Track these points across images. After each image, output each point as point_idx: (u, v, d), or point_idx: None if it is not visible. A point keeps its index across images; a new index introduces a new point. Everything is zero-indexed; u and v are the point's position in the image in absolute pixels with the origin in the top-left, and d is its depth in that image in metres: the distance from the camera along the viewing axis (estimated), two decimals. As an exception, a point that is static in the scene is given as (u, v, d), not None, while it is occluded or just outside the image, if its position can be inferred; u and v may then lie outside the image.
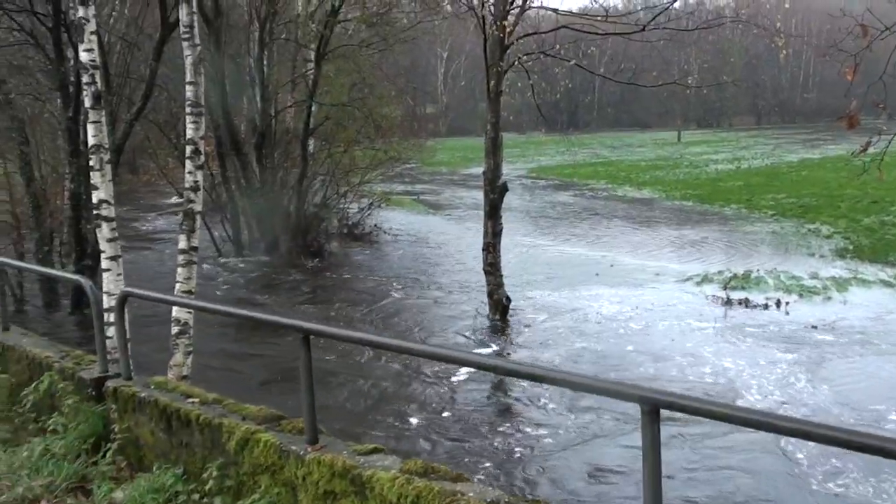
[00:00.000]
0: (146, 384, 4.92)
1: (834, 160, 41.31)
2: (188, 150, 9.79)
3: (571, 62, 16.25)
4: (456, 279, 18.80)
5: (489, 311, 15.12)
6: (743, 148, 57.35)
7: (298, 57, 23.07)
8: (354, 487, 3.47)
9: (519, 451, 9.27)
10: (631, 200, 34.16)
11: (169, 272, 11.56)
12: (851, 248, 21.17)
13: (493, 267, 14.99)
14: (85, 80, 9.10)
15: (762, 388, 11.12)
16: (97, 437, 4.91)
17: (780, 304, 15.49)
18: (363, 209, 24.93)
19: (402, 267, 21.00)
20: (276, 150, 22.43)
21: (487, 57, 14.54)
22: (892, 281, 17.34)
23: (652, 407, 2.69)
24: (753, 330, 13.92)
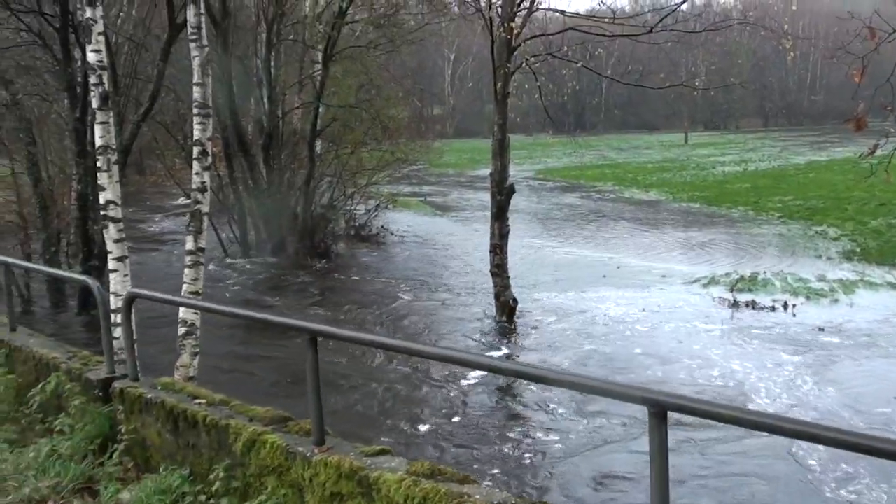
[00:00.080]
0: (153, 385, 4.91)
1: (841, 162, 41.21)
2: (195, 150, 9.79)
3: (579, 64, 16.24)
4: (463, 281, 18.79)
5: (496, 313, 15.07)
6: (750, 150, 57.25)
7: (306, 58, 23.07)
8: (361, 489, 3.47)
9: (528, 456, 9.20)
10: (638, 202, 34.13)
11: (176, 273, 11.55)
12: (859, 250, 21.09)
13: (500, 269, 14.95)
14: (92, 80, 9.14)
15: (770, 391, 11.05)
16: (104, 437, 4.91)
17: (787, 306, 15.43)
18: (370, 210, 24.94)
19: (409, 269, 21.00)
20: (283, 151, 22.47)
21: (495, 58, 14.52)
22: (900, 284, 17.24)
23: (659, 409, 2.69)
24: (760, 332, 13.85)
